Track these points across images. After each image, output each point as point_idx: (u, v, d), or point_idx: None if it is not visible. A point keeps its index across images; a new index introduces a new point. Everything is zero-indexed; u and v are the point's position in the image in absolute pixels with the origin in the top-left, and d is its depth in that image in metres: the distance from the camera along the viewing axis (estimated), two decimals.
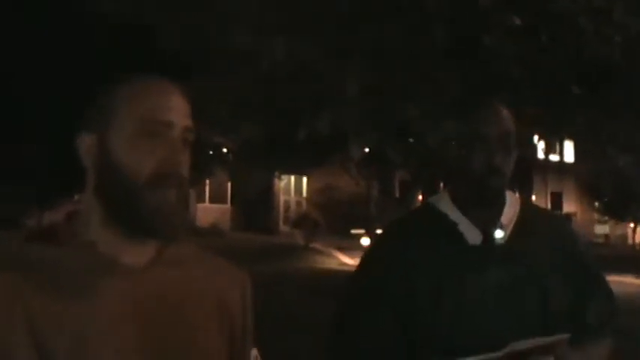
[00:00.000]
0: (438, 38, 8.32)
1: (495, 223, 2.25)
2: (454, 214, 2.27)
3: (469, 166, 2.21)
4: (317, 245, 26.78)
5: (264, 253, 23.06)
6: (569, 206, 40.11)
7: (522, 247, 2.26)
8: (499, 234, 2.24)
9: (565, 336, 2.08)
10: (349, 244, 25.43)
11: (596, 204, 40.49)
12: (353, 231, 29.75)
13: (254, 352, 1.69)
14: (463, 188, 2.27)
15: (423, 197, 31.96)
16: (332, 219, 30.63)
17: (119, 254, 1.48)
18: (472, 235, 2.24)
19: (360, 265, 2.38)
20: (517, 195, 2.40)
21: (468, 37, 8.49)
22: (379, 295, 2.24)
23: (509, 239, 2.25)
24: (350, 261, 23.48)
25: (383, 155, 11.80)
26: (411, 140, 11.31)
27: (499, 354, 1.99)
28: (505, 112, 2.26)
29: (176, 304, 1.51)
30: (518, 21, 8.15)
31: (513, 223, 2.28)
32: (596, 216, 41.18)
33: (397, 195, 14.86)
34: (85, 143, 1.49)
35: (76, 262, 1.45)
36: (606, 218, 40.64)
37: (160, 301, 1.49)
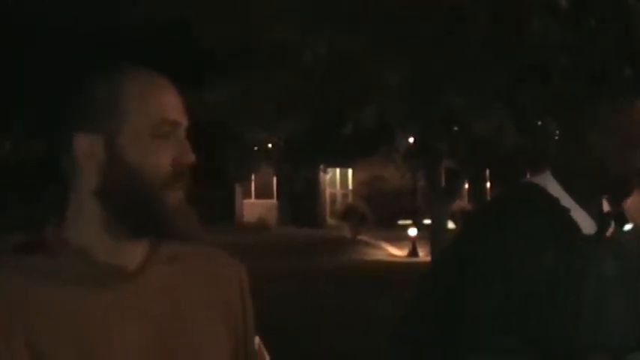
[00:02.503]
0: (481, 23, 8.23)
1: (619, 215, 2.17)
2: (566, 200, 2.17)
3: (631, 165, 2.13)
4: (364, 237, 26.76)
5: (312, 247, 23.11)
6: None
7: (624, 242, 2.20)
8: (628, 227, 2.17)
9: None
10: (397, 236, 25.38)
11: None
12: (400, 222, 29.67)
13: (257, 339, 1.66)
14: (610, 185, 2.18)
15: (469, 186, 31.77)
16: (378, 211, 30.58)
17: (115, 256, 1.44)
18: (586, 225, 2.16)
19: (465, 242, 2.24)
20: None
21: (511, 22, 8.39)
22: (493, 277, 2.09)
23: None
24: (398, 252, 23.42)
25: (428, 145, 11.71)
26: (456, 129, 11.22)
27: None
28: None
29: (176, 299, 1.48)
30: (564, 3, 8.01)
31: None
32: None
33: (443, 184, 14.74)
34: (86, 145, 1.42)
35: (70, 270, 1.40)
36: None
37: (159, 298, 1.46)
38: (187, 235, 1.46)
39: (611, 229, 2.18)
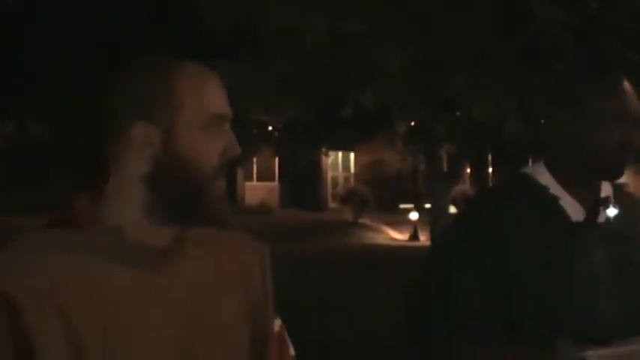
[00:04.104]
0: (483, 6, 8.21)
1: (603, 200, 2.17)
2: (555, 188, 2.19)
3: (609, 141, 2.12)
4: (366, 221, 26.80)
5: (313, 230, 23.15)
6: None
7: (620, 227, 2.18)
8: (612, 212, 2.16)
9: None
10: (398, 219, 25.41)
11: None
12: (401, 206, 29.71)
13: (278, 321, 1.72)
14: (591, 164, 2.17)
15: (471, 171, 31.78)
16: (380, 194, 30.60)
17: (146, 237, 1.51)
18: (575, 212, 2.16)
19: (453, 236, 2.28)
20: None
21: (514, 5, 8.36)
22: (483, 268, 2.12)
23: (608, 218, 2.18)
24: (399, 236, 23.45)
25: (428, 129, 11.70)
26: (457, 113, 11.20)
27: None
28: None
29: (201, 280, 1.55)
30: None
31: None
32: None
33: (444, 168, 14.72)
34: (143, 134, 1.50)
35: (102, 246, 1.47)
36: None
37: (186, 278, 1.53)
38: (223, 223, 1.57)
39: (603, 215, 2.17)
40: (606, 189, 2.24)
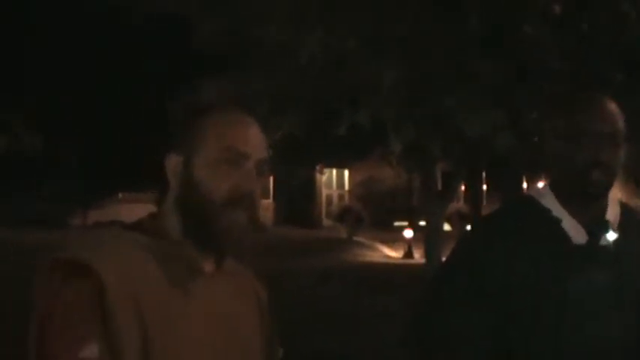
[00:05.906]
0: (473, 26, 8.26)
1: (602, 223, 2.16)
2: (558, 210, 2.19)
3: (574, 160, 2.13)
4: (360, 238, 26.75)
5: (308, 248, 23.09)
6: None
7: (626, 249, 2.17)
8: (611, 236, 2.15)
9: None
10: (392, 237, 25.39)
11: None
12: (396, 223, 29.70)
13: (281, 351, 1.91)
14: (567, 183, 2.19)
15: (465, 188, 31.79)
16: (374, 212, 30.58)
17: (197, 257, 1.69)
18: (577, 234, 2.16)
19: (454, 257, 2.31)
20: (615, 194, 2.31)
21: (504, 26, 8.42)
22: (473, 293, 2.17)
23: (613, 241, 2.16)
24: (393, 253, 23.43)
25: (423, 147, 11.73)
26: (450, 131, 11.25)
27: None
28: (614, 108, 2.19)
29: (233, 305, 1.75)
30: (557, 9, 8.06)
31: (617, 224, 2.19)
32: None
33: (439, 186, 14.73)
34: (173, 162, 1.69)
35: (177, 255, 1.65)
36: None
37: (223, 300, 1.72)
38: (233, 255, 1.73)
39: (607, 238, 2.16)
40: (614, 210, 2.23)
